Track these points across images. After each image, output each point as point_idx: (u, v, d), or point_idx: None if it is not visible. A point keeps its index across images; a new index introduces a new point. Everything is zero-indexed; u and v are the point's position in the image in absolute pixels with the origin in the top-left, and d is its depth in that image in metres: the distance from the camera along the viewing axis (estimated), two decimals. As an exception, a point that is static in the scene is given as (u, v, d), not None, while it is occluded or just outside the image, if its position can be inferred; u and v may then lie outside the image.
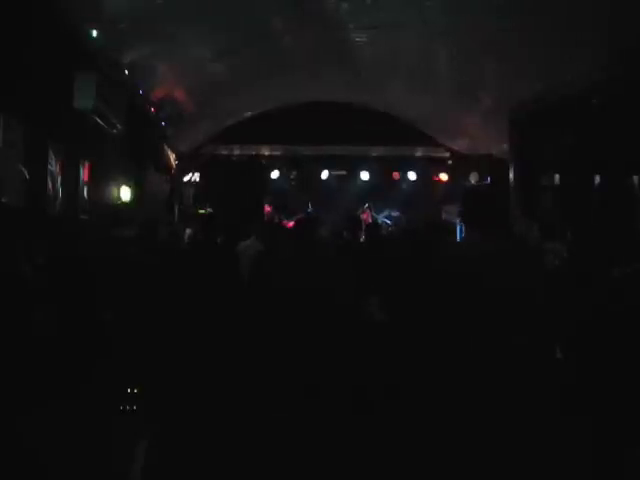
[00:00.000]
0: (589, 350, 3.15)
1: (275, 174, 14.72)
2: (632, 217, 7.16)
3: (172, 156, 12.96)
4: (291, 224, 10.59)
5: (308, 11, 7.95)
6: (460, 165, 14.08)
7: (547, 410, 2.98)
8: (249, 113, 13.04)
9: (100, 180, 8.29)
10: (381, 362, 3.87)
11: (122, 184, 9.05)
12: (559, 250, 4.66)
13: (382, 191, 14.53)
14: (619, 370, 3.04)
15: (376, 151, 14.27)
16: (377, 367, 3.84)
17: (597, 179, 8.46)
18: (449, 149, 14.14)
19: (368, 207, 13.76)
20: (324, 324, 3.71)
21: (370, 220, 12.83)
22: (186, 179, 14.23)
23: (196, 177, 14.34)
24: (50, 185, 6.64)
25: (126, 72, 8.06)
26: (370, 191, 14.47)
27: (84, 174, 7.81)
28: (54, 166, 6.74)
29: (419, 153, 14.43)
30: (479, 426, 2.94)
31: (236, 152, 14.40)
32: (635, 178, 7.69)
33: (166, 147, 12.29)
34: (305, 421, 3.51)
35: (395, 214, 14.17)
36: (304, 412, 3.52)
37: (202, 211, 12.25)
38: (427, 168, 14.62)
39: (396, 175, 14.79)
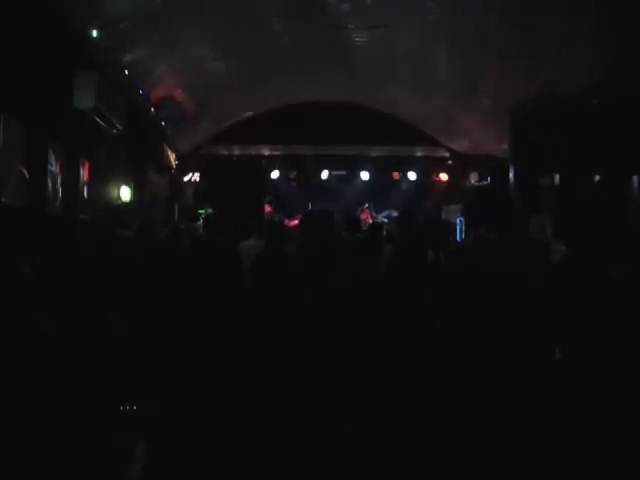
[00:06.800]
0: (587, 350, 3.16)
1: (275, 174, 14.72)
2: (631, 217, 7.17)
3: (172, 156, 12.96)
4: (292, 223, 10.63)
5: (308, 11, 7.95)
6: (460, 165, 14.09)
7: (547, 409, 2.99)
8: (249, 113, 13.04)
9: (100, 180, 8.28)
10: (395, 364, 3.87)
11: (122, 184, 9.04)
12: (564, 250, 4.66)
13: (382, 191, 14.54)
14: (617, 369, 3.05)
15: (376, 151, 14.27)
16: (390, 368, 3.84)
17: (597, 179, 8.46)
18: (449, 149, 14.14)
19: (368, 207, 13.77)
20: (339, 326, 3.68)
21: (370, 220, 12.84)
22: (186, 179, 14.23)
23: (196, 177, 14.34)
24: (50, 185, 6.64)
25: (126, 72, 8.06)
26: (370, 191, 14.48)
27: (84, 174, 7.80)
28: (54, 166, 6.74)
29: (419, 153, 14.42)
30: (482, 425, 2.95)
31: (236, 152, 14.40)
32: (634, 178, 7.70)
33: (166, 147, 12.29)
34: (306, 422, 3.50)
35: (395, 214, 14.15)
36: (306, 413, 3.52)
37: (202, 211, 12.24)
38: (427, 168, 14.63)
39: (396, 175, 14.79)
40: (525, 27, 7.13)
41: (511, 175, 10.39)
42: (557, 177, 9.38)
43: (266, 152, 14.57)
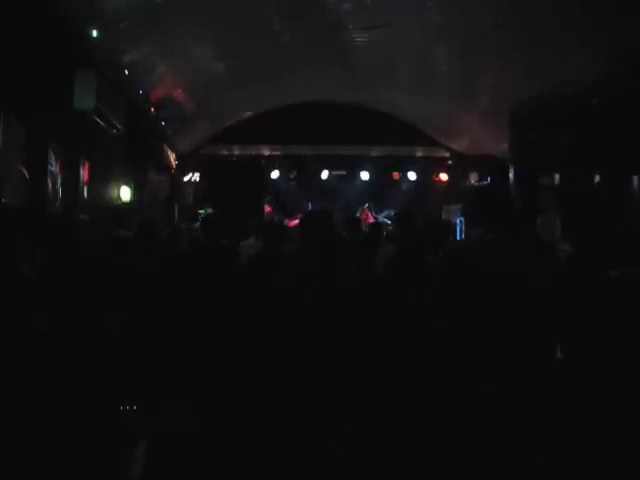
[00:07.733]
0: (588, 350, 3.16)
1: (275, 174, 14.72)
2: (631, 217, 7.17)
3: (172, 156, 12.95)
4: (292, 224, 10.63)
5: (308, 11, 7.95)
6: (460, 165, 14.09)
7: (547, 409, 2.99)
8: (249, 113, 13.04)
9: (100, 180, 8.28)
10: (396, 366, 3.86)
11: (122, 184, 9.04)
12: (568, 250, 4.65)
13: (382, 191, 14.54)
14: (618, 370, 3.05)
15: (376, 151, 14.27)
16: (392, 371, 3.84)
17: (597, 179, 8.47)
18: (449, 149, 14.14)
19: (368, 207, 13.77)
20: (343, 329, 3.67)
21: (371, 219, 12.83)
22: (186, 179, 14.23)
23: (196, 177, 14.34)
24: (50, 185, 6.64)
25: (126, 72, 8.05)
26: (370, 191, 14.49)
27: (84, 174, 7.81)
28: (54, 166, 6.74)
29: (419, 153, 14.42)
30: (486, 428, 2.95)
31: (236, 152, 14.40)
32: (635, 178, 7.70)
33: (166, 147, 12.29)
34: (306, 421, 3.50)
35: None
36: (306, 413, 3.52)
37: (202, 211, 12.24)
38: (427, 168, 14.64)
39: (396, 175, 14.80)
40: (525, 26, 7.13)
41: (511, 175, 10.39)
42: (557, 177, 9.38)
43: (266, 152, 14.57)
